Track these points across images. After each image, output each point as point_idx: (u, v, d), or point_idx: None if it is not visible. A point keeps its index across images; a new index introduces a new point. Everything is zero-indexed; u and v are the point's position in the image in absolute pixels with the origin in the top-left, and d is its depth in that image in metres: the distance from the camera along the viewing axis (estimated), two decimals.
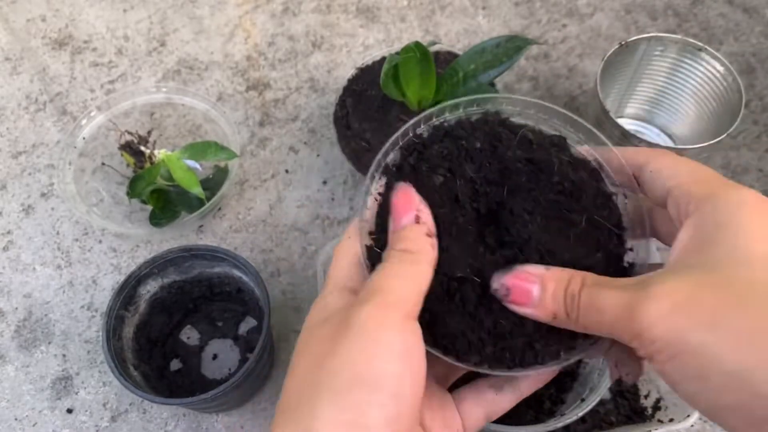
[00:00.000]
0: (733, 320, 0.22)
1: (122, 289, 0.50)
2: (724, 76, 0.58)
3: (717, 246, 0.24)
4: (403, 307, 0.26)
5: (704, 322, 0.22)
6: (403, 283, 0.26)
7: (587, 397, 0.46)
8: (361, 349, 0.24)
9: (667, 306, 0.23)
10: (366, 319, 0.25)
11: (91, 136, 0.64)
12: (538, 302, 0.27)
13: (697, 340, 0.22)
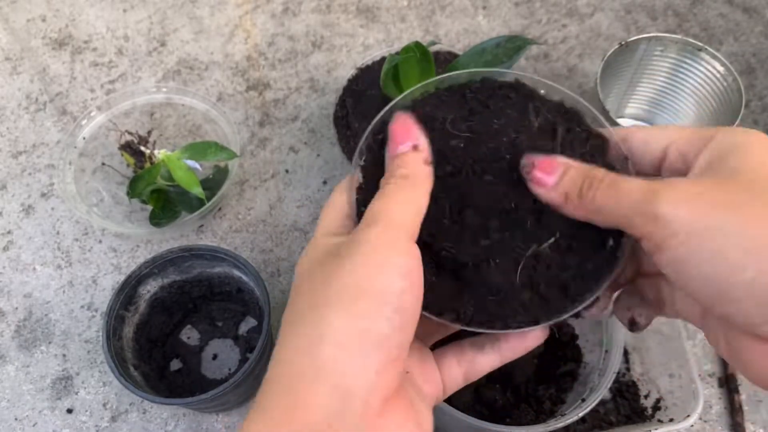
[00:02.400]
0: (753, 205, 0.23)
1: (122, 289, 0.50)
2: (724, 76, 0.58)
3: (732, 161, 0.25)
4: (406, 229, 0.27)
5: (725, 204, 0.24)
6: (404, 208, 0.27)
7: (587, 397, 0.46)
8: (369, 267, 0.26)
9: (689, 191, 0.24)
10: (373, 239, 0.26)
11: (91, 136, 0.64)
12: (555, 184, 0.28)
13: (718, 219, 0.23)
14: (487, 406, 0.50)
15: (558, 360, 0.53)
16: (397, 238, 0.26)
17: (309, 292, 0.27)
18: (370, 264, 0.26)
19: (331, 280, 0.26)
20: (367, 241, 0.26)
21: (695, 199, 0.24)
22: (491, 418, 0.48)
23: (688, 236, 0.24)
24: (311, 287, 0.27)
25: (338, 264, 0.26)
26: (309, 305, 0.26)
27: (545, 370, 0.53)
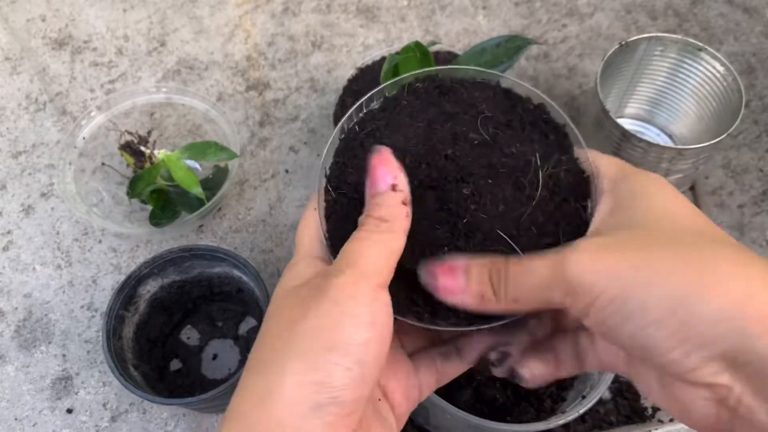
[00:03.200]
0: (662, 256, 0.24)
1: (122, 289, 0.50)
2: (724, 76, 0.58)
3: (635, 208, 0.26)
4: (376, 278, 0.27)
5: (635, 259, 0.24)
6: (377, 252, 0.27)
7: (588, 395, 0.46)
8: (332, 318, 0.25)
9: (596, 251, 0.25)
10: (339, 289, 0.26)
11: (91, 136, 0.64)
12: (465, 288, 0.28)
13: (632, 277, 0.24)
14: (487, 405, 0.50)
15: None
16: (363, 288, 0.26)
17: (271, 336, 0.27)
18: (332, 314, 0.26)
19: (293, 327, 0.26)
20: (332, 289, 0.26)
21: (603, 261, 0.25)
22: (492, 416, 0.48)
23: (607, 300, 0.24)
24: (275, 331, 0.27)
25: (303, 309, 0.26)
26: (270, 350, 0.26)
27: None
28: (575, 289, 0.25)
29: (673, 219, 0.26)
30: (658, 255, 0.24)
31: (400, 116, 0.33)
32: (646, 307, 0.23)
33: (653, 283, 0.23)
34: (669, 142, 0.67)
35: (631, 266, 0.24)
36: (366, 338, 0.25)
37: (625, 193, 0.27)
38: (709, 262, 0.23)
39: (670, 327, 0.23)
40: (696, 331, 0.23)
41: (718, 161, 0.66)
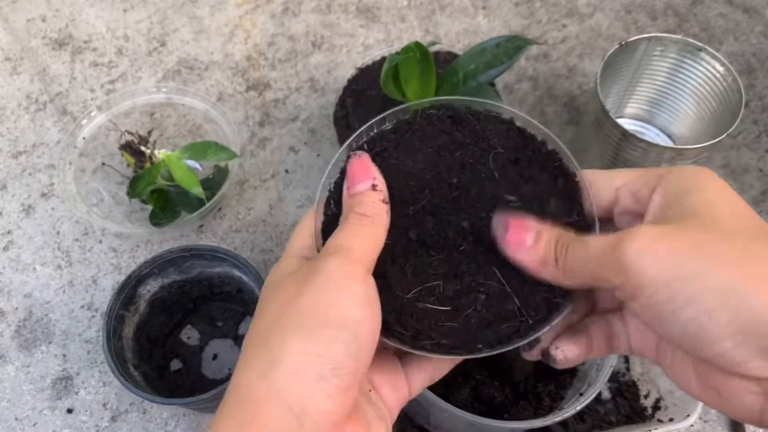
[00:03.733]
0: (718, 247, 0.24)
1: (122, 289, 0.50)
2: (724, 76, 0.58)
3: (688, 201, 0.26)
4: (364, 263, 0.28)
5: (692, 249, 0.24)
6: (363, 243, 0.29)
7: (585, 392, 0.46)
8: (329, 295, 0.27)
9: (653, 238, 0.25)
10: (333, 269, 0.27)
11: (91, 136, 0.64)
12: (532, 247, 0.29)
13: (688, 265, 0.24)
14: (485, 403, 0.50)
15: None
16: (356, 269, 0.28)
17: (270, 314, 0.28)
18: (329, 291, 0.27)
19: (291, 305, 0.27)
20: (327, 269, 0.27)
21: (660, 246, 0.24)
22: (490, 414, 0.48)
23: (659, 285, 0.24)
24: (273, 309, 0.28)
25: (299, 290, 0.27)
26: (269, 328, 0.27)
27: (544, 367, 0.52)
28: (628, 270, 0.25)
29: (726, 213, 0.26)
30: (713, 245, 0.24)
31: (411, 140, 0.33)
32: (700, 295, 0.23)
33: (708, 273, 0.23)
34: (669, 142, 0.67)
35: (688, 254, 0.24)
36: (362, 316, 0.27)
37: (674, 188, 0.27)
38: (763, 256, 0.23)
39: (723, 317, 0.23)
40: (748, 323, 0.23)
41: (718, 161, 0.66)
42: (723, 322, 0.23)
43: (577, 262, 0.27)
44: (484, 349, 0.29)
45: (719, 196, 0.26)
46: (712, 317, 0.23)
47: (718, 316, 0.23)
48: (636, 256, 0.25)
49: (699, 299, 0.23)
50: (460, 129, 0.33)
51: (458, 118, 0.34)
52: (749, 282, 0.23)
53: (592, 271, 0.27)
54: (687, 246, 0.24)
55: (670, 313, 0.24)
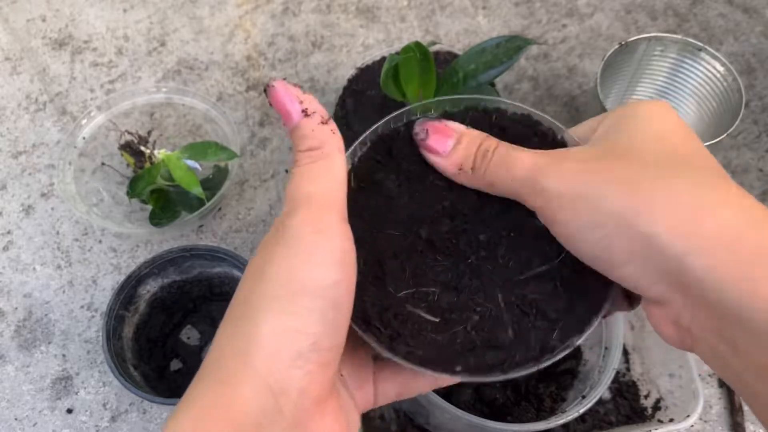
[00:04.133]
0: (621, 172, 0.24)
1: (122, 289, 0.50)
2: (724, 76, 0.58)
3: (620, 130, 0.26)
4: (333, 208, 0.25)
5: (599, 174, 0.24)
6: (321, 183, 0.25)
7: (588, 394, 0.46)
8: (300, 257, 0.24)
9: (571, 162, 0.25)
10: (300, 226, 0.24)
11: (91, 136, 0.64)
12: (450, 153, 0.28)
13: (593, 188, 0.24)
14: (487, 405, 0.50)
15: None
16: (324, 218, 0.25)
17: (244, 286, 0.25)
18: (299, 254, 0.24)
19: (262, 274, 0.24)
20: (292, 227, 0.24)
21: (578, 168, 0.25)
22: (492, 416, 0.48)
23: (565, 202, 0.24)
24: (246, 281, 0.25)
25: (268, 255, 0.24)
26: (243, 302, 0.25)
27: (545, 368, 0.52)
28: (545, 192, 0.25)
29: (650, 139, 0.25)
30: (615, 170, 0.24)
31: None
32: (602, 217, 0.24)
33: (608, 194, 0.23)
34: None
35: (594, 173, 0.24)
36: (337, 278, 0.24)
37: (615, 117, 0.27)
38: (666, 182, 0.23)
39: (620, 243, 0.23)
40: (642, 250, 0.23)
41: (718, 161, 0.66)
42: (622, 246, 0.23)
43: (497, 174, 0.27)
44: (461, 372, 0.27)
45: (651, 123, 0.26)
46: (612, 241, 0.23)
47: (616, 240, 0.23)
48: (553, 181, 0.25)
49: (601, 221, 0.24)
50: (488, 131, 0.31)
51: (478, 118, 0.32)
52: (645, 207, 0.23)
53: (511, 188, 0.27)
54: (596, 168, 0.24)
55: (578, 232, 0.24)
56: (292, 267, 0.24)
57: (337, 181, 0.26)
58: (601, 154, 0.26)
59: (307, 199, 0.25)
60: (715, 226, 0.22)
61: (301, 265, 0.24)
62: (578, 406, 0.45)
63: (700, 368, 0.56)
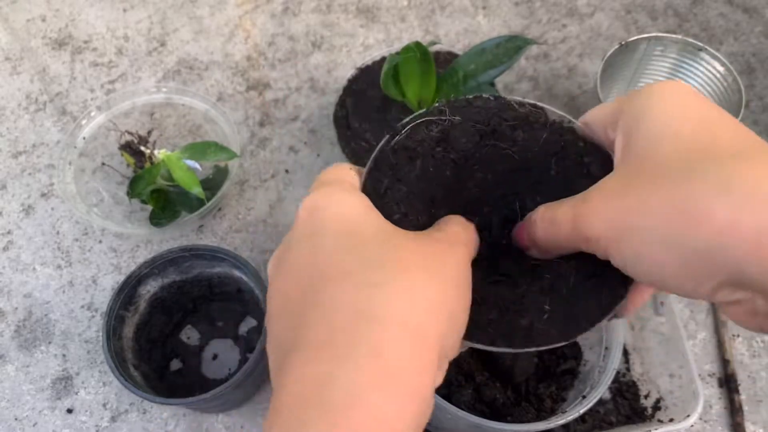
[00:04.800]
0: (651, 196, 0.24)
1: (122, 289, 0.50)
2: (724, 76, 0.58)
3: (637, 136, 0.26)
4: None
5: (632, 205, 0.24)
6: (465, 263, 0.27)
7: (588, 395, 0.46)
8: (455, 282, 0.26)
9: (603, 202, 0.25)
10: (458, 258, 0.27)
11: (91, 136, 0.64)
12: (528, 242, 0.30)
13: (630, 222, 0.24)
14: (488, 405, 0.50)
15: (558, 358, 0.53)
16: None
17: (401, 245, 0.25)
18: (454, 278, 0.25)
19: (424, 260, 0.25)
20: (453, 254, 0.26)
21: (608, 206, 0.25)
22: (492, 416, 0.48)
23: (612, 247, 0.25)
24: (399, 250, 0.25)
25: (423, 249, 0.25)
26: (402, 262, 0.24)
27: (545, 369, 0.53)
28: (590, 240, 0.26)
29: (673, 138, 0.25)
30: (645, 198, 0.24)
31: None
32: (645, 251, 0.24)
33: (643, 231, 0.24)
34: None
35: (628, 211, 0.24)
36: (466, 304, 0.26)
37: (629, 121, 0.27)
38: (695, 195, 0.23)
39: (672, 266, 0.23)
40: (695, 267, 0.23)
41: None
42: (674, 271, 0.23)
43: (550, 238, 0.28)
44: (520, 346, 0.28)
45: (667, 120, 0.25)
46: (664, 267, 0.24)
47: (668, 266, 0.23)
48: (589, 228, 0.25)
49: (646, 253, 0.24)
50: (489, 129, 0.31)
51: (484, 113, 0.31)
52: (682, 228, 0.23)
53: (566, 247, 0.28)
54: (629, 200, 0.24)
55: (630, 266, 0.25)
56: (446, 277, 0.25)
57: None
58: (627, 177, 0.25)
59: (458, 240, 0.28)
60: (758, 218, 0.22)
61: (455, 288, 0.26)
62: (578, 406, 0.45)
63: (700, 368, 0.56)
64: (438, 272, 0.24)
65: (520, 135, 0.31)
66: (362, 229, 0.25)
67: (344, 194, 0.26)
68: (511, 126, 0.31)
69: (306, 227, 0.26)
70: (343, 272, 0.24)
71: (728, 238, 0.22)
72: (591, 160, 0.30)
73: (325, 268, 0.24)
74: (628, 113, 0.27)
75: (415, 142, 0.30)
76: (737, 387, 0.55)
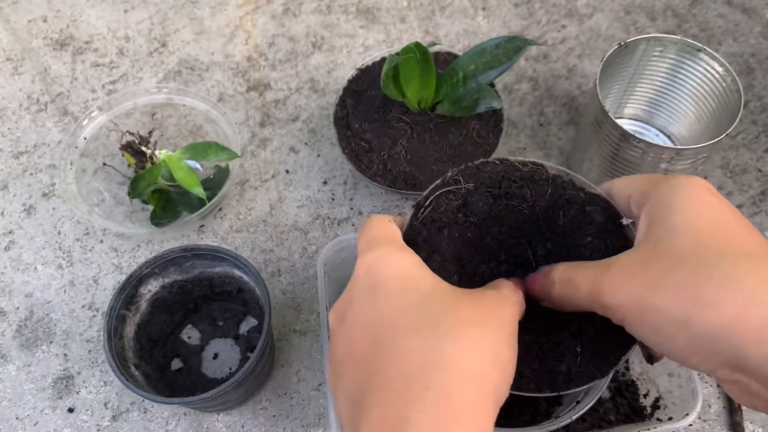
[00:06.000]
0: (668, 281, 0.27)
1: (123, 289, 0.51)
2: (723, 77, 0.58)
3: (659, 224, 0.29)
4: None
5: (650, 285, 0.27)
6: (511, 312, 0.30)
7: (582, 400, 0.46)
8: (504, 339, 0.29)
9: (623, 277, 0.28)
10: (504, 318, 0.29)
11: (92, 137, 0.64)
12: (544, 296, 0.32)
13: (647, 300, 0.27)
14: None
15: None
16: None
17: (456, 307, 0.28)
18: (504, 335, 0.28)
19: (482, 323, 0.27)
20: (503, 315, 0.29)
21: (630, 281, 0.28)
22: None
23: (630, 318, 0.28)
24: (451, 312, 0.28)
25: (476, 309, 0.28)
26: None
27: None
28: (608, 307, 0.28)
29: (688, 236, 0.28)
30: (664, 279, 0.27)
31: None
32: (659, 326, 0.27)
33: (662, 306, 0.26)
34: (668, 142, 0.67)
35: (647, 289, 0.27)
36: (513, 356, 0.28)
37: (655, 207, 0.30)
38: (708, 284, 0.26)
39: (681, 342, 0.26)
40: (701, 346, 0.26)
41: (717, 161, 0.66)
42: (682, 346, 0.26)
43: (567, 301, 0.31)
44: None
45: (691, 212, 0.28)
46: (674, 342, 0.26)
47: (678, 341, 0.26)
48: (609, 298, 0.28)
49: (660, 328, 0.27)
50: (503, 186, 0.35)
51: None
52: (694, 310, 0.25)
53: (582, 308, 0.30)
54: (648, 280, 0.27)
55: (644, 336, 0.28)
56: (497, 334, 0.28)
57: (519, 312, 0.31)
58: (646, 259, 0.28)
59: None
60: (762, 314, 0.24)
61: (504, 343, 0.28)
62: (572, 412, 0.45)
63: None
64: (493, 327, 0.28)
65: (528, 192, 0.35)
66: (420, 285, 0.29)
67: (399, 253, 0.30)
68: (519, 186, 0.35)
69: (366, 284, 0.29)
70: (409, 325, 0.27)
71: (734, 327, 0.25)
72: (593, 209, 0.34)
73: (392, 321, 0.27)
74: (654, 201, 0.30)
75: (440, 213, 0.34)
76: None
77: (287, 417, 0.54)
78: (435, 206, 0.34)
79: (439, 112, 0.58)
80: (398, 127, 0.58)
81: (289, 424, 0.54)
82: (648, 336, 0.27)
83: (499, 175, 0.35)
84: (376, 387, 0.26)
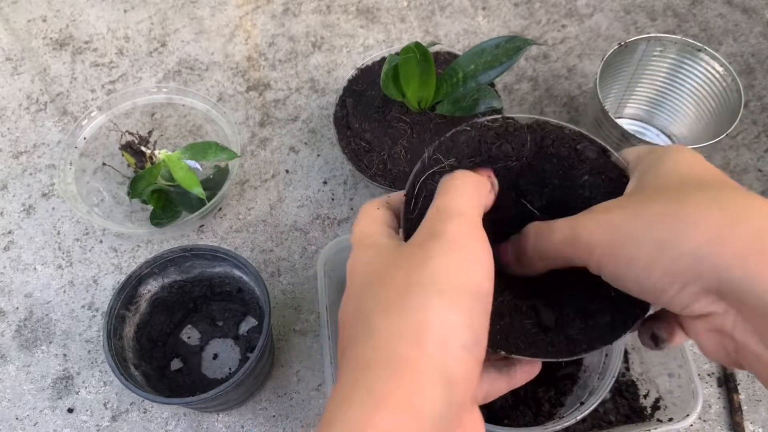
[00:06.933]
0: (647, 208, 0.26)
1: (123, 289, 0.50)
2: (723, 77, 0.58)
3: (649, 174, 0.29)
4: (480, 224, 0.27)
5: (630, 214, 0.27)
6: (470, 202, 0.28)
7: (586, 401, 0.46)
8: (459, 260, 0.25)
9: (602, 214, 0.28)
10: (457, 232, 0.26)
11: (91, 137, 0.64)
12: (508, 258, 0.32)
13: (625, 228, 0.26)
14: (485, 408, 0.50)
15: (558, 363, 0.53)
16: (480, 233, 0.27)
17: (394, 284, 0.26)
18: (459, 257, 0.25)
19: (421, 268, 0.25)
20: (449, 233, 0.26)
21: (606, 219, 0.27)
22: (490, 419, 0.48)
23: (605, 252, 0.27)
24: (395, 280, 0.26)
25: (425, 253, 0.26)
26: (402, 294, 0.25)
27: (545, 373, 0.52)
28: (581, 246, 0.28)
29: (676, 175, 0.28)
30: (644, 208, 0.26)
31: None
32: (635, 256, 0.26)
33: (638, 234, 0.26)
34: (668, 142, 0.67)
35: (624, 219, 0.27)
36: (489, 289, 0.26)
37: (645, 166, 0.30)
38: (688, 206, 0.25)
39: (658, 270, 0.25)
40: (681, 271, 0.25)
41: (717, 161, 0.66)
42: (660, 275, 0.25)
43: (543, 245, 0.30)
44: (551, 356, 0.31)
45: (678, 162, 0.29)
46: (650, 272, 0.25)
47: (654, 269, 0.25)
48: (583, 233, 0.27)
49: (636, 258, 0.26)
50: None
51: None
52: (673, 234, 0.25)
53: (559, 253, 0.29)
54: (625, 213, 0.27)
55: (620, 275, 0.27)
56: (454, 267, 0.25)
57: (482, 203, 0.29)
58: (632, 197, 0.28)
59: (458, 210, 0.27)
60: (746, 234, 0.24)
61: (465, 267, 0.25)
62: (576, 412, 0.45)
63: (700, 368, 0.56)
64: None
65: (508, 148, 0.34)
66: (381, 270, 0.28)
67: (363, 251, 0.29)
68: (498, 145, 0.34)
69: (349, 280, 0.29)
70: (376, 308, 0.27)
71: (716, 247, 0.24)
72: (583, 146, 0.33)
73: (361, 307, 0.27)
74: (646, 161, 0.30)
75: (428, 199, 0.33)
76: (736, 387, 0.55)
77: (287, 417, 0.54)
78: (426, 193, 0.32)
79: (439, 112, 0.58)
80: (398, 127, 0.58)
81: (288, 425, 0.54)
82: (624, 272, 0.26)
83: (474, 140, 0.34)
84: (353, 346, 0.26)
